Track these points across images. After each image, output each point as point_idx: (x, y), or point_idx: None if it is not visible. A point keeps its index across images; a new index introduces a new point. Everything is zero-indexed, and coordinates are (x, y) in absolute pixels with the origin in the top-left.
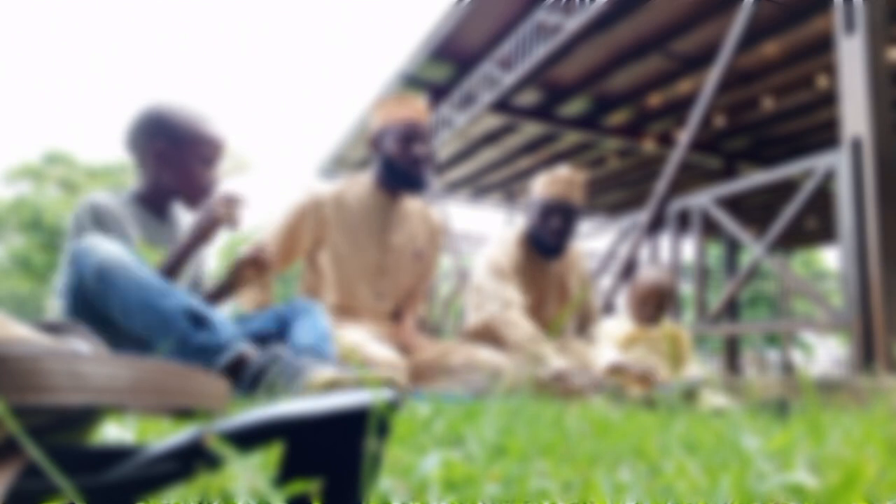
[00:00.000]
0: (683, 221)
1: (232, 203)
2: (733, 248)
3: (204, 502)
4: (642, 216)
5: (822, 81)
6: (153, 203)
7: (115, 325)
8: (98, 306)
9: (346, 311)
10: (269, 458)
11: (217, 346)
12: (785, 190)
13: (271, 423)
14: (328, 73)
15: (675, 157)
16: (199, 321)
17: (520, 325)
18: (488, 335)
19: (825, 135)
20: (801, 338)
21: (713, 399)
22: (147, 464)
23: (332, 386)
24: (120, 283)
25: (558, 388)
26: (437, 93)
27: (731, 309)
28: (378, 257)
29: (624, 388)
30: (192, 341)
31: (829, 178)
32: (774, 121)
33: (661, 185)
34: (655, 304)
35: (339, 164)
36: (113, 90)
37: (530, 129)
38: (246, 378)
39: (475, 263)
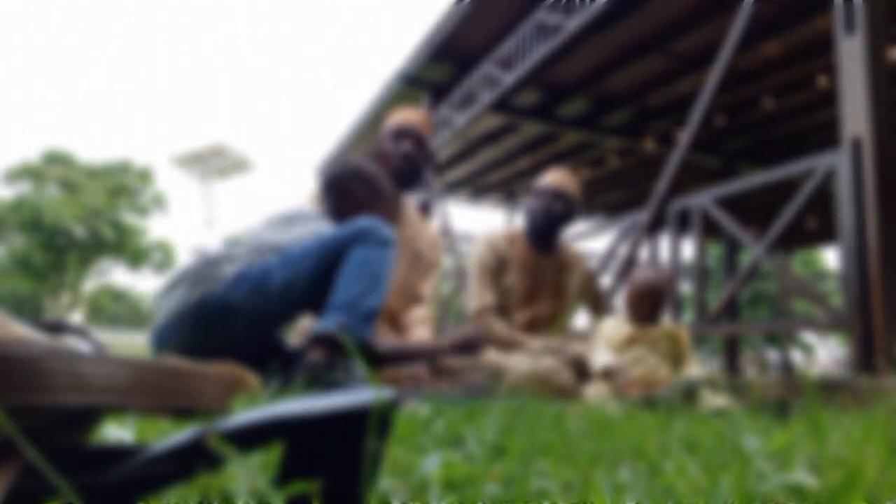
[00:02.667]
0: (683, 221)
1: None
2: (733, 248)
3: (204, 502)
4: (642, 216)
5: (822, 81)
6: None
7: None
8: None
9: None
10: (269, 458)
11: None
12: (785, 190)
13: (271, 423)
14: (328, 73)
15: (675, 157)
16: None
17: (495, 326)
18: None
19: (825, 135)
20: (801, 338)
21: (713, 399)
22: (147, 464)
23: None
24: None
25: (552, 387)
26: (437, 93)
27: (731, 309)
28: None
29: (623, 389)
30: None
31: (829, 178)
32: (774, 121)
33: (661, 185)
34: (651, 304)
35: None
36: (113, 90)
37: (530, 129)
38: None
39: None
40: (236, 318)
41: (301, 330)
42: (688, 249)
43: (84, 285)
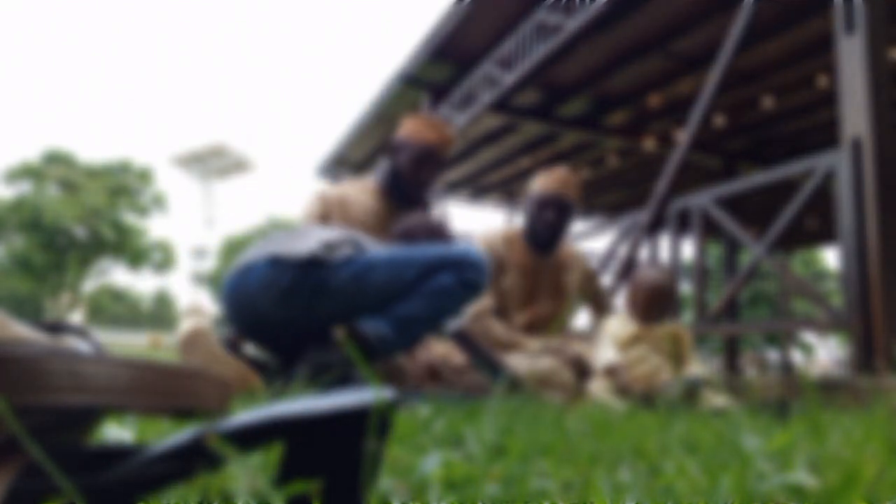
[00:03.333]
0: (683, 221)
1: None
2: (733, 248)
3: (204, 502)
4: (642, 216)
5: (822, 81)
6: None
7: None
8: None
9: None
10: (269, 458)
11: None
12: (785, 190)
13: (271, 423)
14: (328, 73)
15: (675, 157)
16: None
17: (494, 327)
18: (480, 331)
19: (825, 135)
20: (801, 338)
21: (714, 399)
22: (147, 464)
23: None
24: None
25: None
26: (437, 93)
27: (731, 309)
28: None
29: (626, 387)
30: None
31: (829, 178)
32: (774, 121)
33: (661, 185)
34: (655, 305)
35: (339, 165)
36: (113, 89)
37: (530, 129)
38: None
39: None
40: (327, 299)
41: None
42: (688, 249)
43: (84, 285)
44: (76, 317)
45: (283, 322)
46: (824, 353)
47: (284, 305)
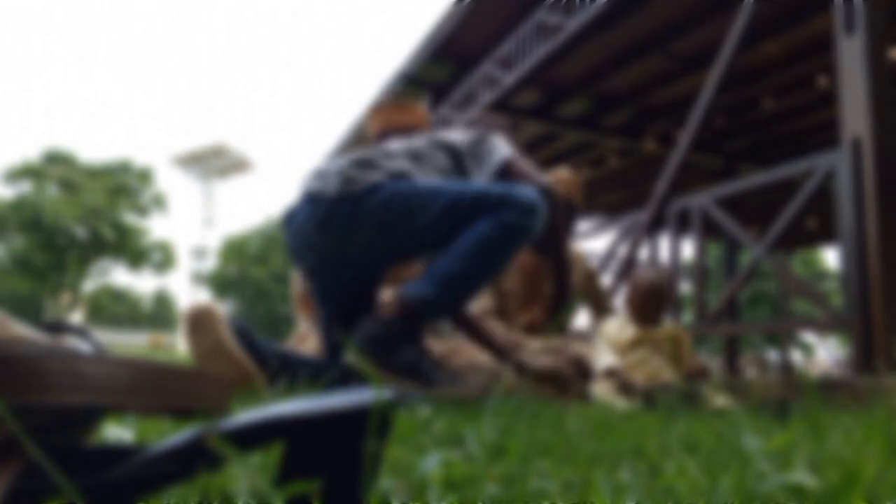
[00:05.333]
0: (683, 221)
1: None
2: (733, 248)
3: (204, 502)
4: (642, 216)
5: (822, 81)
6: None
7: None
8: None
9: None
10: (269, 458)
11: None
12: (785, 190)
13: (271, 423)
14: (328, 73)
15: (675, 157)
16: None
17: (494, 329)
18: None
19: (825, 135)
20: (801, 338)
21: (717, 399)
22: (147, 464)
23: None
24: None
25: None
26: (437, 93)
27: (731, 309)
28: None
29: (627, 384)
30: None
31: (829, 178)
32: (774, 121)
33: (661, 185)
34: (653, 305)
35: None
36: (113, 89)
37: (530, 129)
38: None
39: None
40: (360, 224)
41: (301, 335)
42: (688, 249)
43: (84, 285)
44: (76, 317)
45: (332, 259)
46: (824, 353)
47: (325, 235)
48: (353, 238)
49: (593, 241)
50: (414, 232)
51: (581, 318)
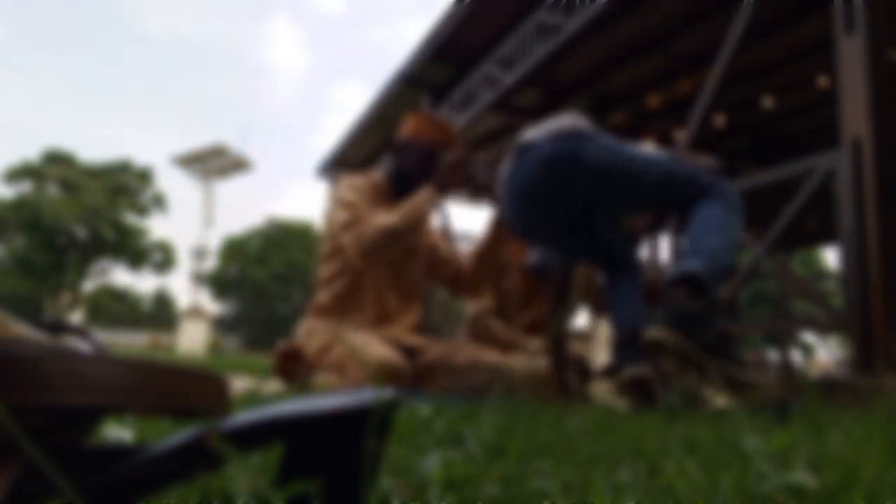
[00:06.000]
0: (683, 221)
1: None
2: None
3: (204, 502)
4: (642, 215)
5: (822, 81)
6: None
7: None
8: None
9: (382, 319)
10: (269, 458)
11: None
12: (785, 190)
13: (271, 423)
14: (328, 73)
15: (675, 157)
16: None
17: (494, 328)
18: (480, 331)
19: (825, 135)
20: (801, 338)
21: (717, 399)
22: (147, 464)
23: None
24: None
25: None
26: (437, 93)
27: (731, 309)
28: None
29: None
30: None
31: (829, 178)
32: (774, 121)
33: None
34: (652, 305)
35: (339, 165)
36: (113, 89)
37: None
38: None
39: None
40: (582, 174)
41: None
42: None
43: (84, 285)
44: (76, 317)
45: (550, 207)
46: (824, 353)
47: (547, 178)
48: (573, 179)
49: None
50: (628, 191)
51: (581, 319)
